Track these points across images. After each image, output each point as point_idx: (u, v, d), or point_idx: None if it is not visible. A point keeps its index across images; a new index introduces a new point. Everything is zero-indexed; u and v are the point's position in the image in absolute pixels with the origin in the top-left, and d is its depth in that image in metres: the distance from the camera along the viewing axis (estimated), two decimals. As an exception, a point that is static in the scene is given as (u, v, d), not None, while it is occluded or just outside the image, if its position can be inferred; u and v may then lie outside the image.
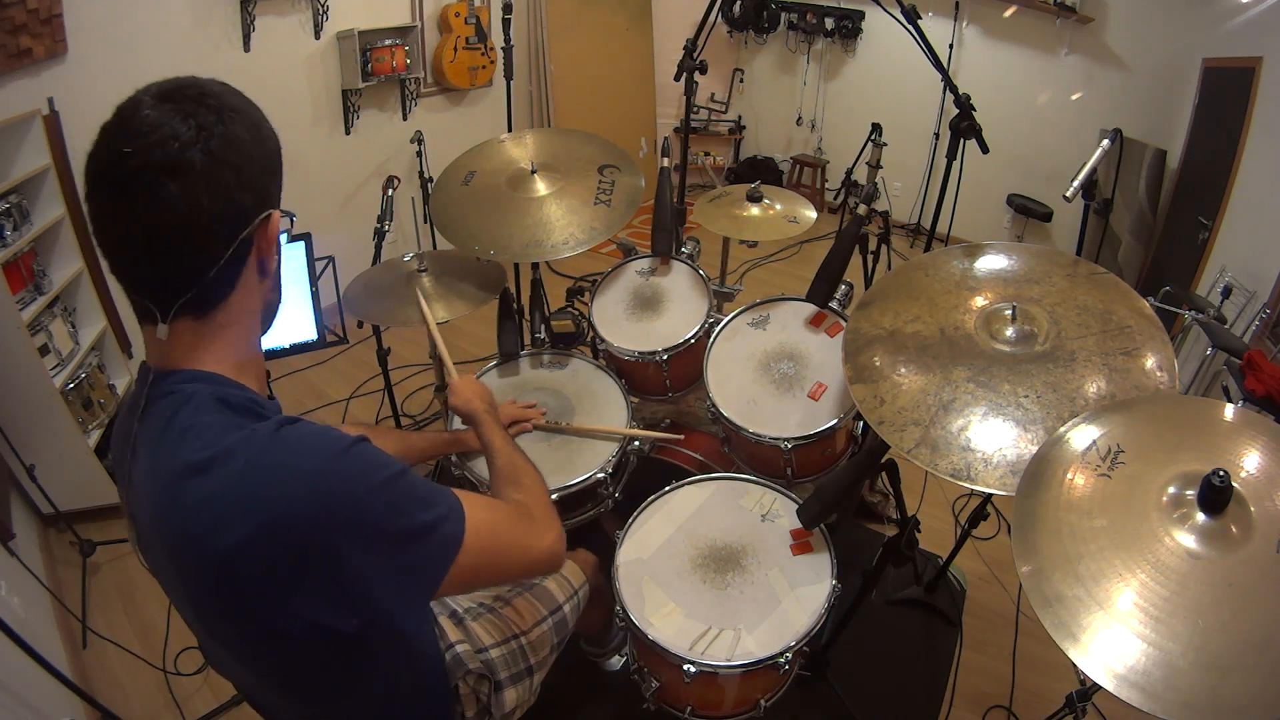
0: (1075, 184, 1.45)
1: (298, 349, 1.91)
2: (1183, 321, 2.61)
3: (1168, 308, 2.60)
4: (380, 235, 2.09)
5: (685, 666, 1.23)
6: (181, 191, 0.63)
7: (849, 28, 4.69)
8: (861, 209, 1.70)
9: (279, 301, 0.81)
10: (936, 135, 4.45)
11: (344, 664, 0.76)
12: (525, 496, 1.01)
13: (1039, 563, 0.88)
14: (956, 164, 1.81)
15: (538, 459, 1.61)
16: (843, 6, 4.68)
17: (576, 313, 2.01)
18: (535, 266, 2.13)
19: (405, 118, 3.77)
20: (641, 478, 1.72)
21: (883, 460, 1.40)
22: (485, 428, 1.23)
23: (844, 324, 1.67)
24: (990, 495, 1.61)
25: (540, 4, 4.27)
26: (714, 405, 1.66)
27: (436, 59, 3.78)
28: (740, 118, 5.35)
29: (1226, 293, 2.64)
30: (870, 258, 2.13)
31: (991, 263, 1.40)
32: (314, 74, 3.27)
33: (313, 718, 0.87)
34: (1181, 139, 3.38)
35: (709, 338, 1.77)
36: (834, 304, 1.75)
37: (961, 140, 1.71)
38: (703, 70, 2.19)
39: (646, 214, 2.02)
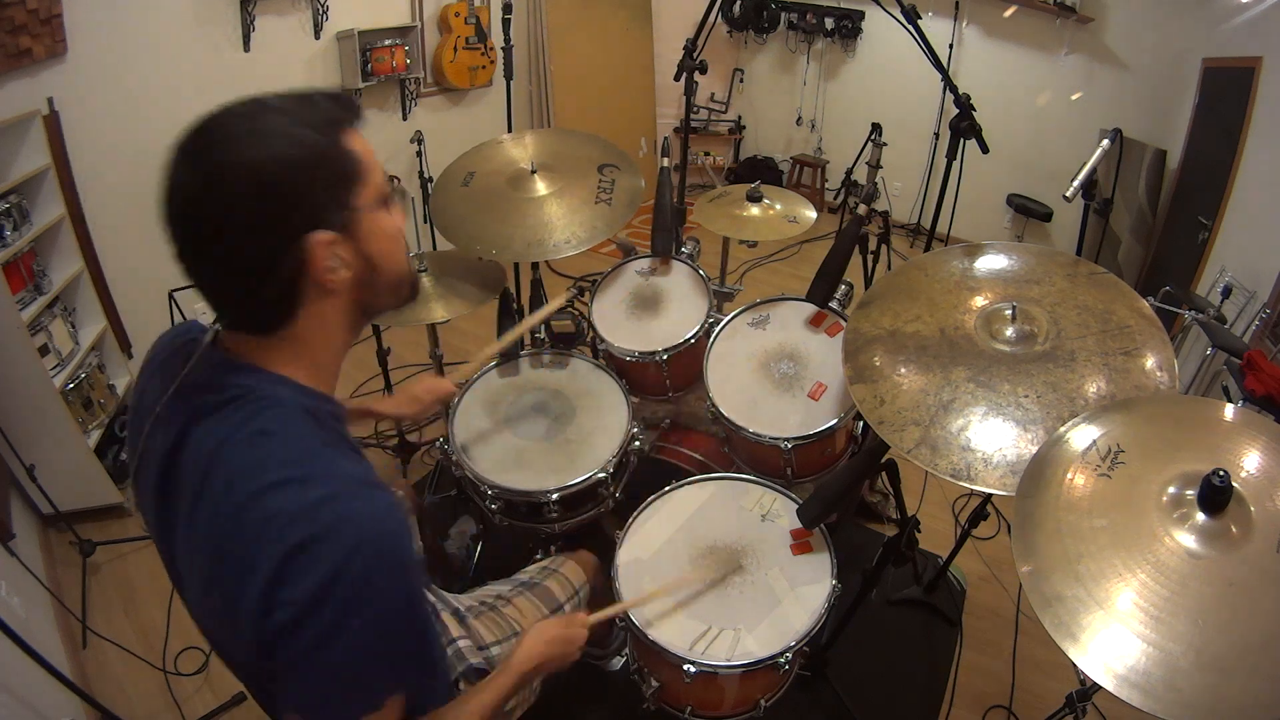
0: (1075, 184, 1.45)
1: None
2: (1182, 321, 2.60)
3: (1167, 308, 2.60)
4: (380, 235, 2.08)
5: (685, 666, 1.23)
6: (192, 242, 0.65)
7: (849, 28, 4.69)
8: (861, 209, 1.70)
9: (395, 281, 0.76)
10: (936, 135, 4.45)
11: None
12: None
13: (1039, 562, 0.88)
14: (956, 164, 1.81)
15: (538, 459, 1.63)
16: (843, 6, 4.68)
17: (576, 313, 2.01)
18: (535, 266, 2.12)
19: (405, 118, 3.77)
20: (641, 478, 1.72)
21: (883, 460, 1.40)
22: (511, 678, 0.97)
23: (844, 324, 1.66)
24: (990, 495, 1.61)
25: (540, 4, 4.27)
26: (714, 405, 1.66)
27: (436, 59, 3.78)
28: (740, 118, 5.35)
29: (1226, 292, 2.64)
30: (870, 258, 2.12)
31: (991, 263, 1.40)
32: (314, 74, 3.27)
33: None
34: (1181, 139, 3.38)
35: (709, 337, 1.77)
36: (834, 304, 1.75)
37: (961, 140, 1.71)
38: (702, 70, 2.19)
39: (646, 214, 2.02)
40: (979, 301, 1.31)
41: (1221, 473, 0.82)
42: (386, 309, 0.79)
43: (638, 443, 1.69)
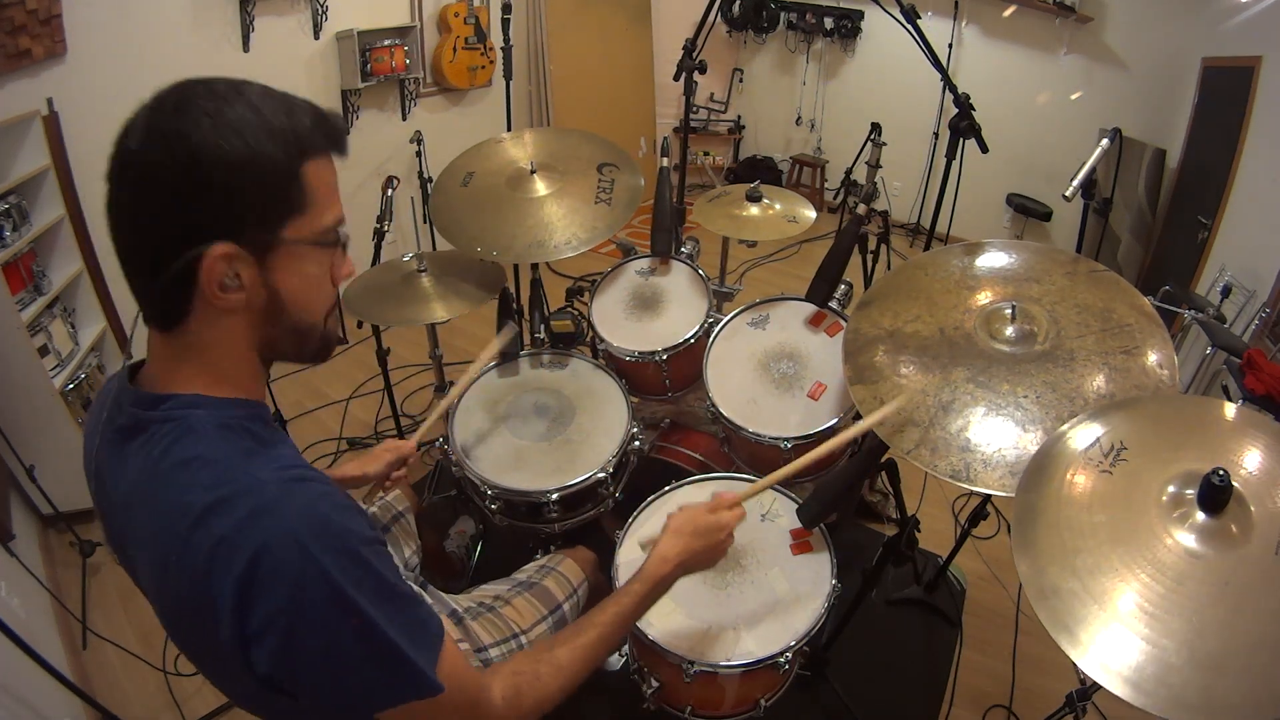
0: (1075, 183, 1.45)
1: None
2: (1182, 321, 2.60)
3: (1167, 307, 2.60)
4: (380, 235, 2.09)
5: (685, 666, 1.23)
6: (113, 206, 0.63)
7: (848, 27, 4.69)
8: (861, 208, 1.70)
9: (302, 328, 0.72)
10: (936, 135, 4.45)
11: None
12: (544, 669, 0.89)
13: (1037, 555, 0.88)
14: (956, 163, 1.82)
15: (538, 459, 1.63)
16: (842, 6, 4.68)
17: (576, 313, 2.01)
18: (535, 266, 2.13)
19: (404, 118, 3.77)
20: (641, 478, 1.72)
21: (882, 460, 1.40)
22: (645, 590, 0.96)
23: (844, 324, 1.67)
24: (990, 495, 1.61)
25: (540, 4, 4.27)
26: (714, 405, 1.66)
27: (436, 59, 3.78)
28: (740, 117, 5.35)
29: (1226, 292, 2.64)
30: (870, 257, 2.13)
31: (991, 260, 1.40)
32: (313, 74, 3.27)
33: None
34: (1181, 138, 3.38)
35: (709, 337, 1.77)
36: (834, 304, 1.75)
37: (961, 140, 1.71)
38: (702, 70, 2.19)
39: (646, 214, 2.02)
40: (979, 301, 1.30)
41: (1221, 472, 0.82)
42: (287, 356, 0.74)
43: (638, 443, 1.69)
